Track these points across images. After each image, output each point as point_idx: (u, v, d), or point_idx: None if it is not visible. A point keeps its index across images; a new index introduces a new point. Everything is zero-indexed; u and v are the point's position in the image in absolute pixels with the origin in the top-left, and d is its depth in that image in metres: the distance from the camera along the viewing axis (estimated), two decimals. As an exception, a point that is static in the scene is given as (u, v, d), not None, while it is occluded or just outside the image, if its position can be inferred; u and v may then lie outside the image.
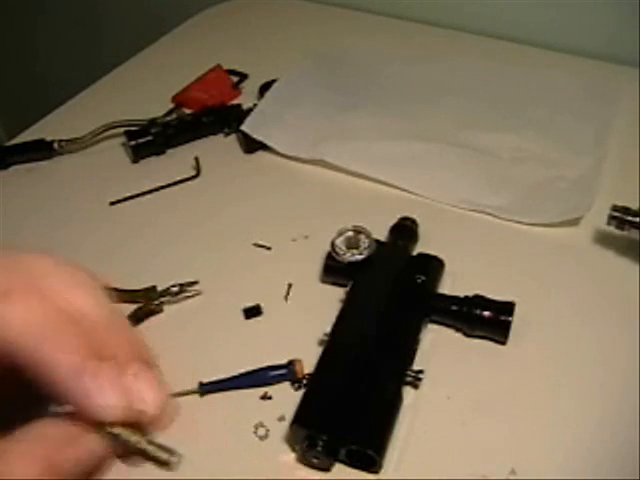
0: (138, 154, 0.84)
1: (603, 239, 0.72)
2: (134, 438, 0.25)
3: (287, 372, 0.59)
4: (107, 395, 0.24)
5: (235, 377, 0.59)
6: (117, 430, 0.25)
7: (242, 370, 0.59)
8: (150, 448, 0.26)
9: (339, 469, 0.53)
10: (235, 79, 0.98)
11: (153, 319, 0.65)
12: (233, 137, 0.88)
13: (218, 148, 0.87)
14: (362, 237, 0.65)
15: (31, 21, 1.64)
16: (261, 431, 0.56)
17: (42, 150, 0.85)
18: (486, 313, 0.61)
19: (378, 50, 1.03)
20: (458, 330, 0.63)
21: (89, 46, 1.57)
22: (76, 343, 0.24)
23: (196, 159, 0.83)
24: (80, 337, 0.25)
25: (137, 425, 0.25)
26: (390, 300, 0.62)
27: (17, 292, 0.25)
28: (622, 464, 0.53)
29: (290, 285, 0.67)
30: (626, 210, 0.67)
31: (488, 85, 0.95)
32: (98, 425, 0.25)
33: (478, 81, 0.95)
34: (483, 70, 0.97)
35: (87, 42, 1.58)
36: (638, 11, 0.94)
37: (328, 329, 0.60)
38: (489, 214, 0.75)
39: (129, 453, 0.26)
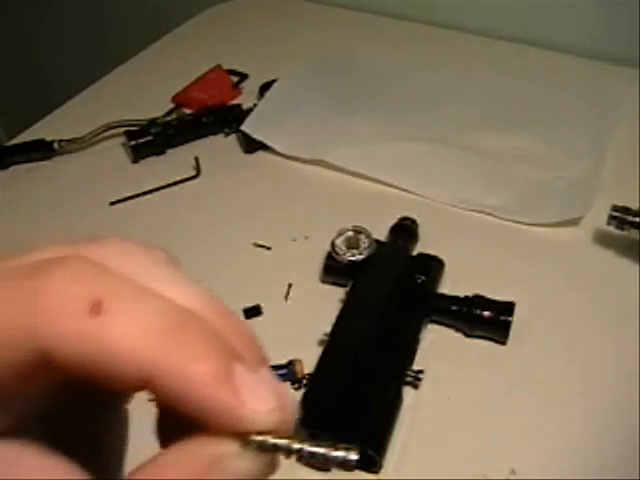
0: (138, 154, 0.84)
1: (603, 239, 0.72)
2: (295, 444, 0.21)
3: (287, 372, 0.59)
4: (261, 399, 0.20)
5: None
6: (272, 438, 0.20)
7: (242, 370, 0.59)
8: (321, 450, 0.21)
9: (339, 469, 0.53)
10: (235, 79, 0.98)
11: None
12: (233, 137, 0.88)
13: (218, 148, 0.87)
14: (362, 237, 0.65)
15: (31, 21, 1.64)
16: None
17: (42, 150, 0.85)
18: (486, 313, 0.61)
19: (379, 51, 1.03)
20: (458, 330, 0.63)
21: (89, 46, 1.57)
22: (204, 346, 0.19)
23: (196, 159, 0.83)
24: (206, 338, 0.20)
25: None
26: (390, 300, 0.62)
27: (109, 300, 0.19)
28: (622, 464, 0.53)
29: (290, 285, 0.67)
30: (626, 210, 0.67)
31: (487, 86, 0.95)
32: (241, 439, 0.20)
33: (477, 82, 0.95)
34: (482, 71, 0.97)
35: (87, 42, 1.58)
36: (638, 12, 0.95)
37: (328, 329, 0.60)
38: (489, 214, 0.75)
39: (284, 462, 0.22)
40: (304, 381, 0.59)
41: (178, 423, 0.20)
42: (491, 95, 0.93)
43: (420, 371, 0.58)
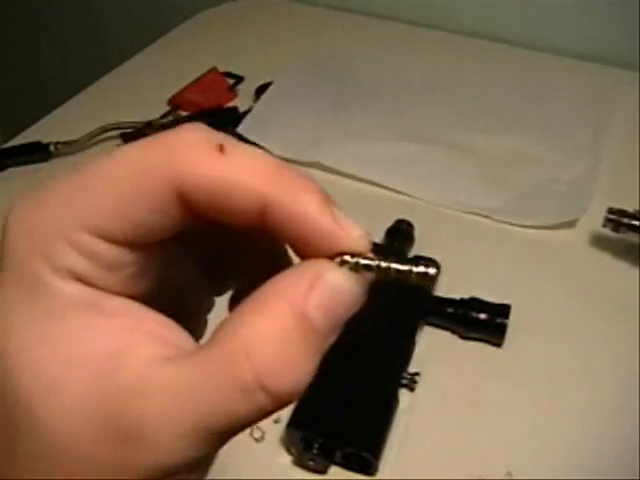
0: (134, 156, 0.84)
1: (599, 242, 0.72)
2: (383, 263, 0.25)
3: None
4: (354, 227, 0.24)
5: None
6: (366, 260, 0.24)
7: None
8: (406, 267, 0.25)
9: (335, 471, 0.53)
10: (231, 81, 0.98)
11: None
12: (229, 139, 0.87)
13: (214, 150, 0.86)
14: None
15: (28, 23, 1.64)
16: (257, 433, 0.56)
17: (38, 152, 0.85)
18: (482, 315, 0.61)
19: (374, 53, 1.03)
20: (454, 332, 0.63)
21: (86, 48, 1.57)
22: (310, 184, 0.23)
23: (192, 161, 0.83)
24: (310, 180, 0.24)
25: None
26: (386, 302, 0.62)
27: (230, 145, 0.23)
28: (621, 465, 0.53)
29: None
30: (622, 213, 0.67)
31: (484, 87, 0.95)
32: (341, 262, 0.24)
33: (474, 83, 0.96)
34: (480, 72, 0.98)
35: (84, 44, 1.57)
36: (638, 14, 0.95)
37: (324, 331, 0.60)
38: (485, 216, 0.75)
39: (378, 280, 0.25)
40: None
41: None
42: (488, 97, 0.93)
43: (416, 373, 0.58)
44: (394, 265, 0.25)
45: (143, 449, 0.21)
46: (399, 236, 0.70)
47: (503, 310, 0.61)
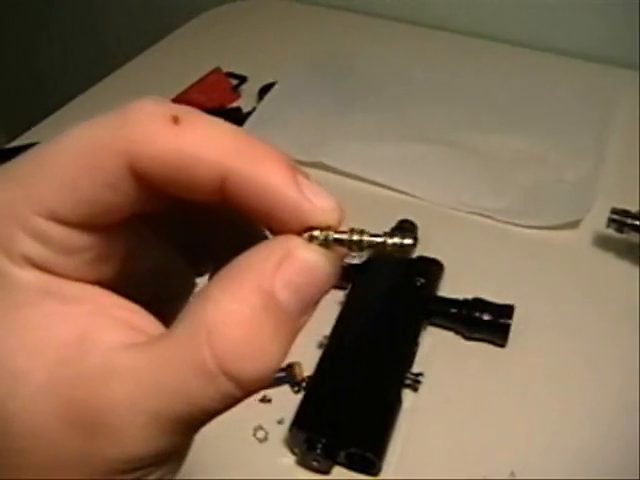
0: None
1: (602, 242, 0.72)
2: (356, 236, 0.23)
3: (286, 375, 0.59)
4: (324, 199, 0.22)
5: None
6: (337, 234, 0.23)
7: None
8: (379, 239, 0.23)
9: (338, 472, 0.53)
10: (234, 82, 0.97)
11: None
12: (232, 140, 0.87)
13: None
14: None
15: (30, 23, 1.64)
16: (260, 434, 0.56)
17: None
18: (485, 316, 0.61)
19: (377, 52, 1.03)
20: (457, 333, 0.63)
21: (88, 49, 1.57)
22: (274, 154, 0.22)
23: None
24: (274, 150, 0.22)
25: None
26: (389, 303, 0.62)
27: (187, 116, 0.22)
28: (622, 465, 0.53)
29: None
30: (625, 213, 0.67)
31: (487, 88, 0.95)
32: (309, 237, 0.22)
33: (477, 84, 0.96)
34: (482, 73, 0.97)
35: (86, 45, 1.58)
36: (638, 14, 0.95)
37: (327, 332, 0.60)
38: (488, 217, 0.75)
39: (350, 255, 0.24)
40: (303, 384, 0.59)
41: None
42: (491, 97, 0.93)
43: (419, 374, 0.58)
44: (367, 238, 0.23)
45: (107, 438, 0.20)
46: (402, 236, 0.69)
47: (506, 310, 0.61)
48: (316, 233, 0.22)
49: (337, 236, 0.23)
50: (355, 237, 0.23)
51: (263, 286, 0.21)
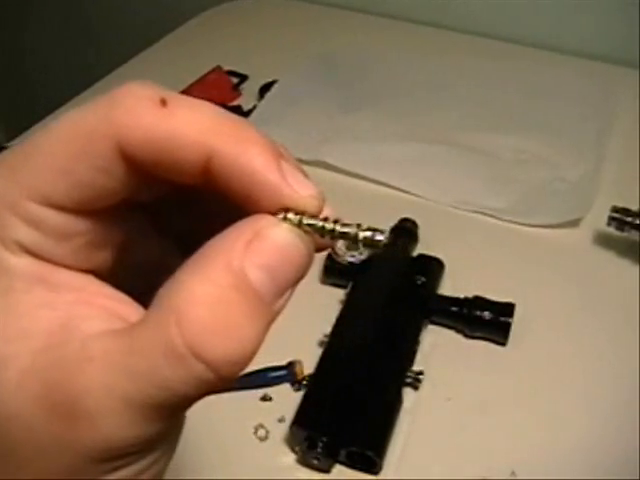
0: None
1: (603, 240, 0.72)
2: (328, 224, 0.23)
3: (287, 373, 0.59)
4: (304, 185, 0.23)
5: (235, 378, 0.59)
6: (310, 219, 0.23)
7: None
8: (352, 230, 0.24)
9: (339, 470, 0.53)
10: (235, 80, 0.97)
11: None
12: (233, 138, 0.87)
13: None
14: (362, 238, 0.65)
15: (30, 22, 1.64)
16: (261, 432, 0.56)
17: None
18: (486, 314, 0.61)
19: (378, 51, 1.03)
20: (458, 331, 0.63)
21: (89, 47, 1.57)
22: (258, 137, 0.22)
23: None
24: (259, 134, 0.22)
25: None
26: (390, 301, 0.62)
27: (173, 99, 0.22)
28: (622, 464, 0.53)
29: (290, 286, 0.67)
30: (626, 211, 0.67)
31: (489, 86, 0.95)
32: (283, 218, 0.22)
33: (479, 82, 0.95)
34: (483, 71, 0.97)
35: (87, 43, 1.58)
36: (638, 12, 0.95)
37: (328, 330, 0.60)
38: (489, 215, 0.75)
39: (324, 243, 0.24)
40: (304, 382, 0.59)
41: None
42: (491, 96, 0.93)
43: (420, 372, 0.58)
44: (339, 227, 0.24)
45: (85, 424, 0.20)
46: (403, 234, 0.69)
47: (507, 309, 0.61)
48: (290, 215, 0.22)
49: (310, 221, 0.23)
50: (328, 225, 0.23)
51: (232, 265, 0.20)
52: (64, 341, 0.21)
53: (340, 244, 0.65)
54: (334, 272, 0.66)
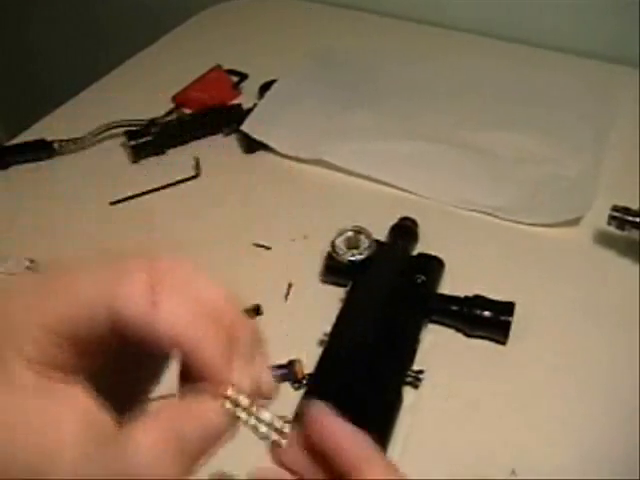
0: (138, 154, 0.84)
1: (603, 239, 0.72)
2: (252, 420, 0.30)
3: (287, 372, 0.59)
4: (241, 378, 0.29)
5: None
6: (239, 411, 0.29)
7: (242, 370, 0.59)
8: (264, 430, 0.31)
9: (339, 469, 0.53)
10: (235, 79, 0.98)
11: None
12: (233, 137, 0.88)
13: (218, 148, 0.86)
14: (362, 237, 0.65)
15: (30, 20, 1.64)
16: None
17: (42, 150, 0.85)
18: (486, 313, 0.61)
19: (378, 50, 1.03)
20: (458, 330, 0.63)
21: (89, 46, 1.57)
22: (216, 335, 0.29)
23: (196, 159, 0.83)
24: (219, 330, 0.29)
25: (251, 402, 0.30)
26: (390, 300, 0.62)
27: (165, 290, 0.29)
28: (622, 464, 0.53)
29: (290, 285, 0.67)
30: (626, 210, 0.67)
31: (489, 85, 0.95)
32: (222, 402, 0.29)
33: (478, 81, 0.96)
34: (483, 70, 0.97)
35: (87, 42, 1.58)
36: (638, 12, 0.95)
37: (328, 329, 0.60)
38: (489, 214, 0.75)
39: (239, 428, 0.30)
40: (304, 381, 0.59)
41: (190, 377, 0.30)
42: (491, 95, 0.93)
43: (420, 371, 0.58)
44: (257, 425, 0.31)
45: None
46: (403, 234, 0.70)
47: (507, 308, 0.61)
48: (227, 405, 0.29)
49: (240, 414, 0.30)
50: (250, 421, 0.30)
51: (176, 429, 0.28)
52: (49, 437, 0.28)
53: (340, 243, 0.65)
54: (334, 271, 0.66)
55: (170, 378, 0.32)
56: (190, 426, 0.29)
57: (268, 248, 0.72)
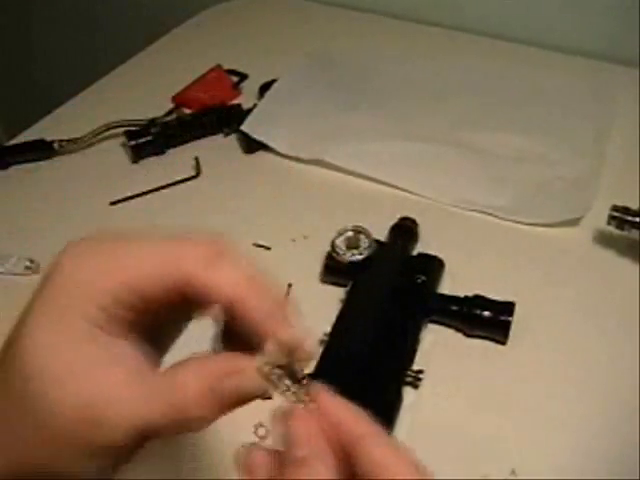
0: (138, 154, 0.84)
1: (603, 239, 0.72)
2: (284, 383, 0.35)
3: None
4: (284, 334, 0.33)
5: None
6: (276, 371, 0.34)
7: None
8: (290, 396, 0.36)
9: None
10: (235, 79, 0.98)
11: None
12: (233, 137, 0.88)
13: (218, 148, 0.86)
14: (362, 237, 0.65)
15: (30, 20, 1.64)
16: (261, 431, 0.56)
17: (42, 150, 0.85)
18: (486, 313, 0.61)
19: (378, 50, 1.03)
20: (458, 330, 0.63)
21: (89, 46, 1.57)
22: (268, 296, 0.33)
23: (196, 159, 0.83)
24: (268, 293, 0.33)
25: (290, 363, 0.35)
26: (390, 300, 0.62)
27: (225, 256, 0.33)
28: (622, 464, 0.53)
29: (290, 285, 0.67)
30: (626, 210, 0.67)
31: (488, 85, 0.95)
32: (259, 363, 0.33)
33: (478, 81, 0.96)
34: (483, 70, 0.97)
35: (87, 42, 1.58)
36: (638, 11, 0.95)
37: (328, 329, 0.60)
38: (489, 214, 0.75)
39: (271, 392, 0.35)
40: (304, 381, 0.58)
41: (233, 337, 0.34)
42: (491, 95, 0.93)
43: (420, 371, 0.58)
44: (285, 389, 0.35)
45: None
46: (403, 234, 0.69)
47: (507, 308, 0.61)
48: (266, 369, 0.33)
49: (273, 371, 0.34)
50: (283, 383, 0.35)
51: (216, 377, 0.32)
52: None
53: (340, 243, 0.65)
54: (334, 271, 0.66)
55: (203, 340, 0.35)
56: (229, 380, 0.32)
57: (268, 248, 0.72)
